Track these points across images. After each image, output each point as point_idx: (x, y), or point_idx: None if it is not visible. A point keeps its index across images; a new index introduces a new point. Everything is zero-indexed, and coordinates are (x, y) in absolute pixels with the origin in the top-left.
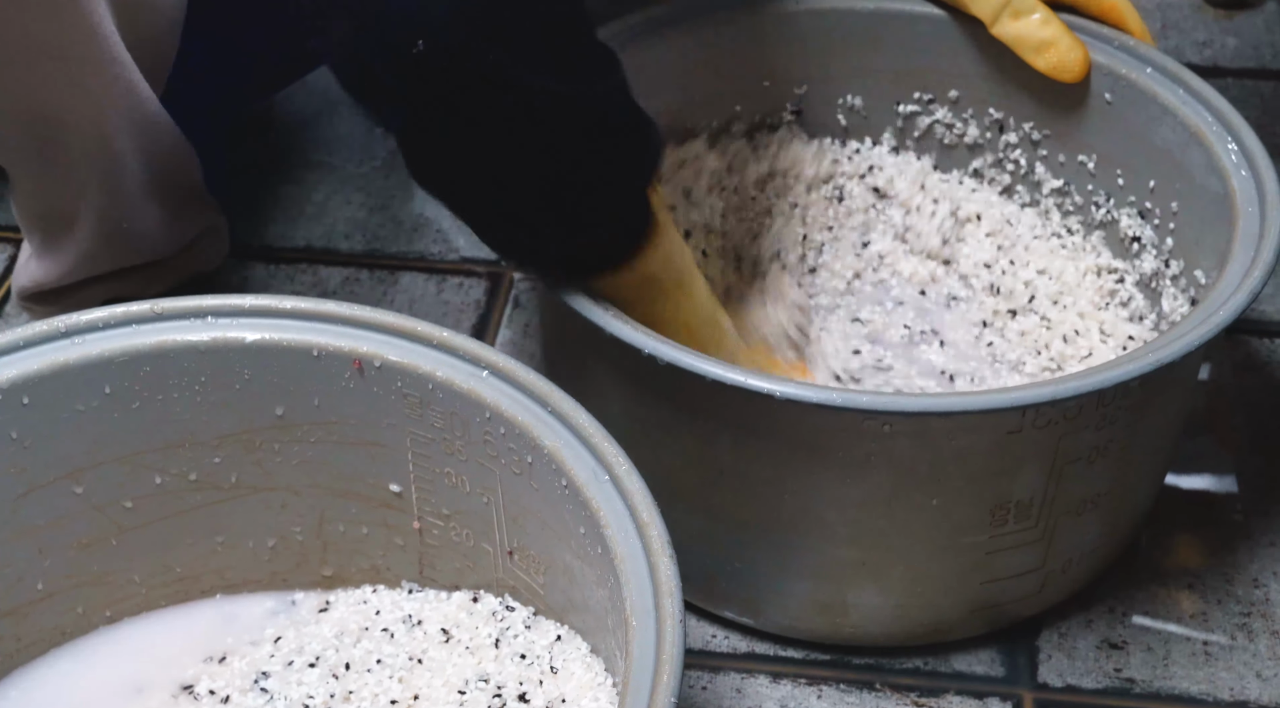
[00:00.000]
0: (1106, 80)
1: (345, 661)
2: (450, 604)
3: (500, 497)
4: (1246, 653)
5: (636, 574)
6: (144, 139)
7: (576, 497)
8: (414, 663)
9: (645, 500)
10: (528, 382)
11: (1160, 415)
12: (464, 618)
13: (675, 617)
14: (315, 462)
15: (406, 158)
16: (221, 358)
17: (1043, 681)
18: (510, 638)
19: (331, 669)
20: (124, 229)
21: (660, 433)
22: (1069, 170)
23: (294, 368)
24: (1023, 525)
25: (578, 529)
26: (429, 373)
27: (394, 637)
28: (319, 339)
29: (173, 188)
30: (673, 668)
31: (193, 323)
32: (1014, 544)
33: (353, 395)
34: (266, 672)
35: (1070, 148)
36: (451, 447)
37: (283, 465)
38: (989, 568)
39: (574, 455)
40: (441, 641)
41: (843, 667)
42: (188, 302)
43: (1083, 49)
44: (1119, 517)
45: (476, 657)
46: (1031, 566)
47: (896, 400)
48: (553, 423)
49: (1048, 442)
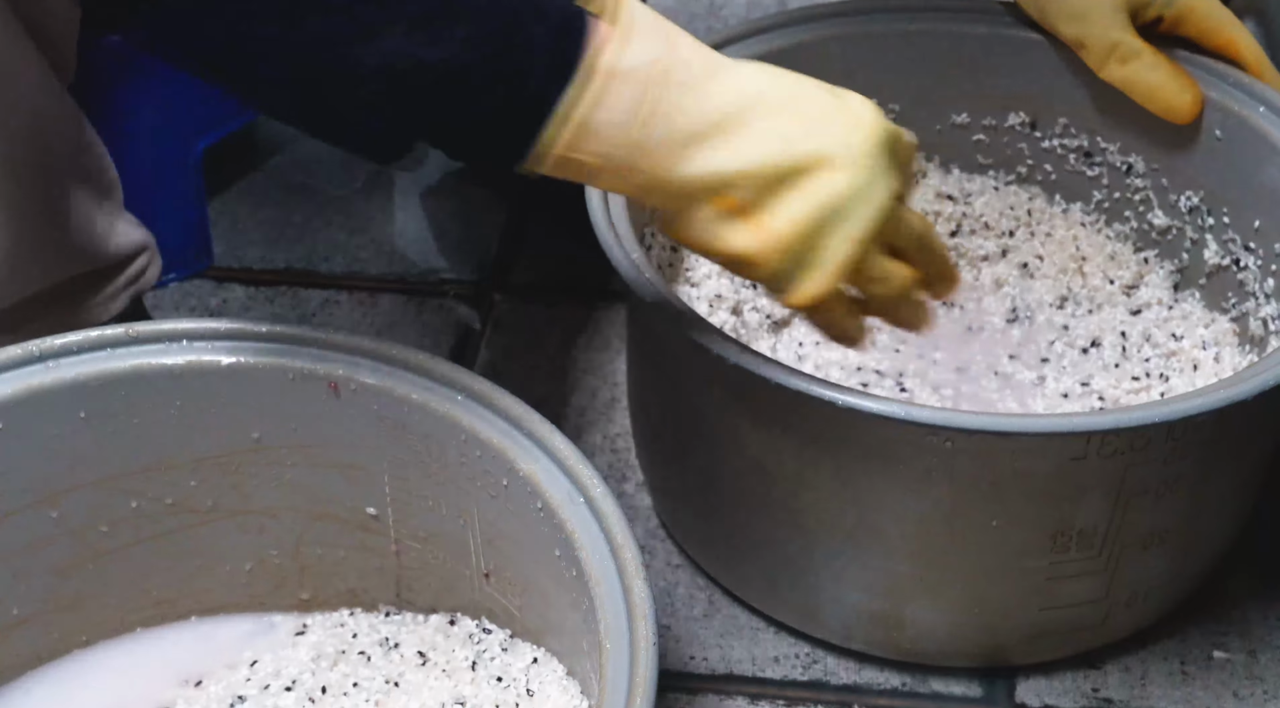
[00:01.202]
0: (1217, 117)
1: (322, 684)
2: (427, 627)
3: (477, 519)
4: (1223, 672)
5: (611, 597)
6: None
7: (552, 519)
8: (390, 686)
9: (620, 524)
10: (504, 405)
11: (1237, 455)
12: (441, 641)
13: (649, 639)
14: (292, 485)
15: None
16: (197, 381)
17: (1020, 701)
18: (487, 661)
19: (308, 693)
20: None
21: (726, 434)
22: (1173, 206)
23: (270, 391)
24: (1085, 555)
25: (553, 551)
26: (405, 396)
27: (370, 660)
28: (294, 362)
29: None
30: (646, 691)
31: (168, 346)
32: (1075, 573)
33: (329, 418)
34: (243, 696)
35: (1178, 184)
36: (428, 470)
37: (260, 488)
38: (1049, 594)
39: (550, 479)
40: (418, 664)
41: (821, 687)
42: (163, 325)
43: (1193, 91)
44: (1189, 555)
45: (453, 679)
46: (1094, 596)
47: (958, 417)
48: (529, 446)
49: (1114, 472)
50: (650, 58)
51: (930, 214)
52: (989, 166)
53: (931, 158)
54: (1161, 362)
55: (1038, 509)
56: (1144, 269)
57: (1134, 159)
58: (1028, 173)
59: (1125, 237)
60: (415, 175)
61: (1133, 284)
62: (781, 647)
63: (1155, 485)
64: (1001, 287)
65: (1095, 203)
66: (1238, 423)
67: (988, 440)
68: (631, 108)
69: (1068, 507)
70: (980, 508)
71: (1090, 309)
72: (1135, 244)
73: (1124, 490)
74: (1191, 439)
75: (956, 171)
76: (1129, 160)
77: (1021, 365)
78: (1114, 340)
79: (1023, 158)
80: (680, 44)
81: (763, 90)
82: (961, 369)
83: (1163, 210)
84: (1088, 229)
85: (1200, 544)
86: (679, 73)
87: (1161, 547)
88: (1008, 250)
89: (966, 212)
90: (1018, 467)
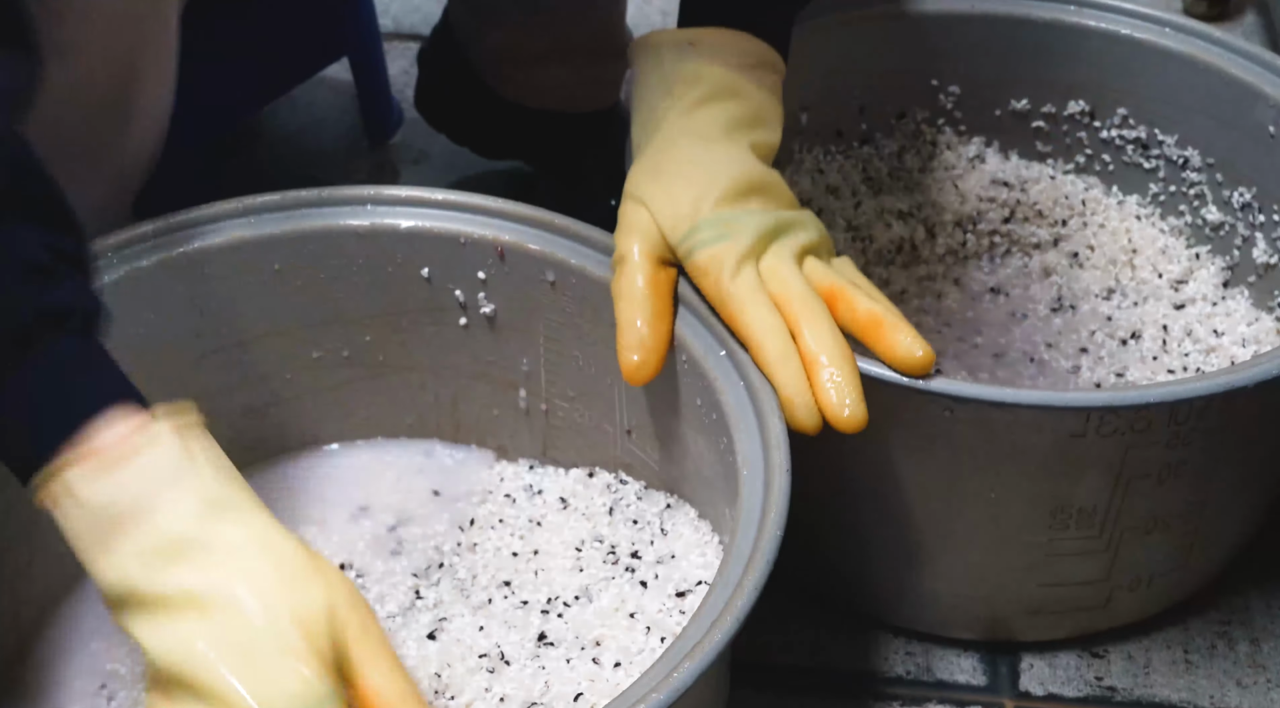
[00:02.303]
0: (1271, 113)
1: (470, 517)
2: (568, 478)
3: (623, 378)
4: (1226, 661)
5: (748, 432)
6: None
7: (695, 369)
8: (534, 524)
9: (755, 371)
10: None
11: (1246, 446)
12: (580, 489)
13: (783, 467)
14: (455, 344)
15: None
16: (377, 242)
17: (1024, 689)
18: (623, 506)
19: (457, 523)
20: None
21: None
22: (1227, 201)
23: (442, 254)
24: (1085, 533)
25: (694, 401)
26: (564, 260)
27: (515, 502)
28: (466, 228)
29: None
30: (779, 511)
31: (354, 209)
32: (1075, 551)
33: (495, 281)
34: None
35: (1232, 179)
36: (581, 331)
37: (425, 347)
38: (1048, 570)
39: (693, 333)
40: (559, 508)
41: (825, 676)
42: (350, 190)
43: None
44: (1195, 544)
45: (592, 521)
46: (1095, 576)
47: (956, 386)
48: (680, 308)
49: (1113, 452)
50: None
51: (984, 200)
52: (1047, 155)
53: (990, 143)
54: (1200, 357)
55: (1036, 484)
56: (1194, 264)
57: (1190, 152)
58: (1085, 163)
59: (1179, 231)
60: (420, 167)
61: (1181, 279)
62: (790, 630)
63: (1157, 470)
64: (1049, 275)
65: (1151, 195)
66: (1244, 413)
67: (984, 410)
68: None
69: (1066, 484)
70: (979, 479)
71: (1136, 302)
72: (1188, 239)
73: (1124, 472)
74: (1196, 426)
75: (1015, 158)
76: (1186, 154)
77: (1059, 354)
78: (1155, 333)
79: (1081, 147)
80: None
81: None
82: (999, 355)
83: (1216, 206)
84: (1141, 222)
85: (1206, 535)
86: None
87: (1165, 533)
88: (1059, 239)
89: (1021, 199)
90: (1017, 440)
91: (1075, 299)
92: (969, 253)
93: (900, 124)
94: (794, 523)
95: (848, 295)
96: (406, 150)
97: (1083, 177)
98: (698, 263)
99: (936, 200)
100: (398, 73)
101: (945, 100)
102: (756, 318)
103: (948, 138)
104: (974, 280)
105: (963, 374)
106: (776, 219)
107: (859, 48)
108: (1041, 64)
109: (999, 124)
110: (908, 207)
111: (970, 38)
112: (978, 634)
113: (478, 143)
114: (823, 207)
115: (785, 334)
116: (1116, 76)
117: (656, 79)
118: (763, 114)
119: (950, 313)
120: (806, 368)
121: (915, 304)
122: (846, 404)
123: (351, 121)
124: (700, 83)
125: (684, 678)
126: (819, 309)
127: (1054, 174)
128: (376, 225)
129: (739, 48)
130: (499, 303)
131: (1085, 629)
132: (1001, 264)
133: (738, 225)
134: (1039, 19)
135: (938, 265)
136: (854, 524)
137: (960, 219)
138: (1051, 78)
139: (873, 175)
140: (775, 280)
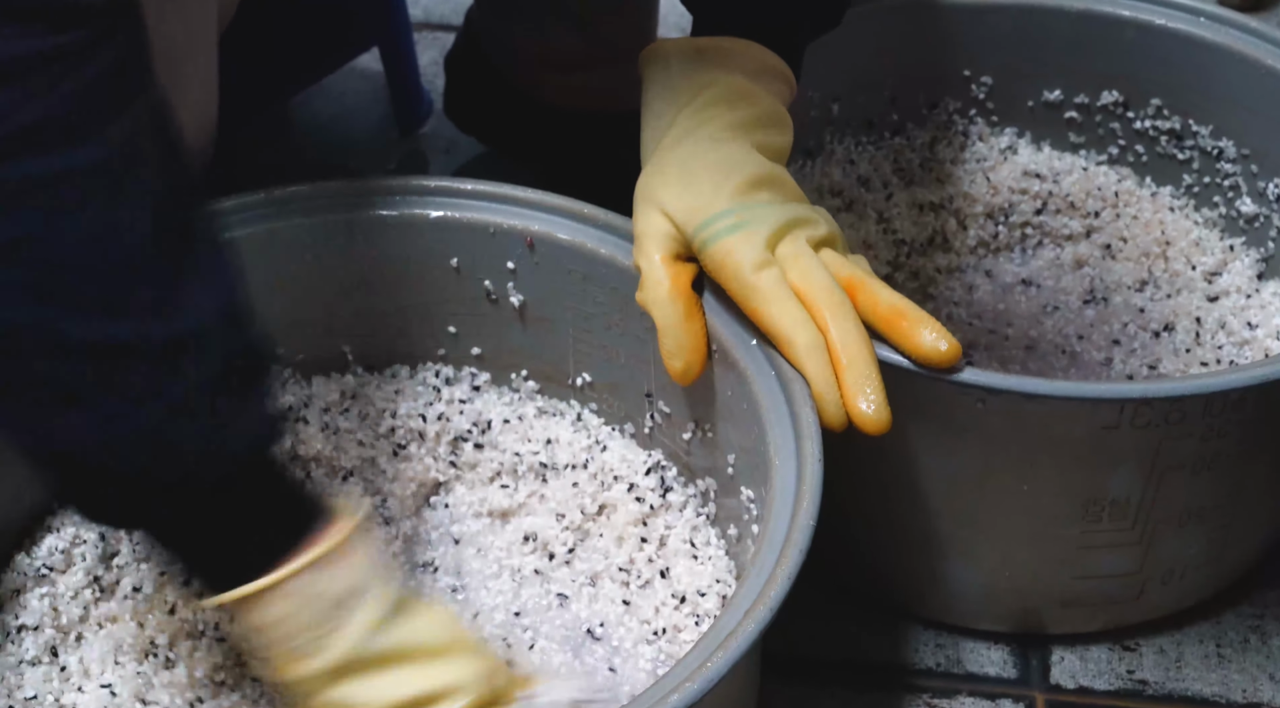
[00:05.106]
0: None
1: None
2: None
3: (653, 368)
4: (1259, 655)
5: (780, 422)
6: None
7: (726, 358)
8: None
9: (785, 363)
10: None
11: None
12: None
13: (815, 456)
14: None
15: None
16: (407, 232)
17: (1055, 682)
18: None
19: None
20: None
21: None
22: (1262, 193)
23: (471, 243)
24: (1118, 526)
25: (725, 392)
26: (594, 251)
27: None
28: (495, 218)
29: None
30: (813, 497)
31: (383, 199)
32: (1108, 543)
33: (524, 272)
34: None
35: (1267, 170)
36: (610, 320)
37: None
38: (1080, 563)
39: (723, 323)
40: None
41: (855, 668)
42: (380, 180)
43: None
44: (1229, 538)
45: None
46: (1128, 570)
47: (987, 377)
48: (705, 296)
49: (1148, 444)
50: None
51: (1016, 192)
52: (1080, 146)
53: (1023, 134)
54: (1234, 350)
55: (1069, 476)
56: (1228, 256)
57: (1225, 143)
58: (1119, 154)
59: (1213, 223)
60: (450, 156)
61: (1215, 271)
62: (820, 621)
63: (1192, 461)
64: (1082, 266)
65: (1185, 187)
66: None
67: (1017, 402)
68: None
69: (1100, 477)
70: (1012, 471)
71: (1169, 294)
72: (1222, 231)
73: (1158, 464)
74: (1231, 418)
75: (1047, 149)
76: (1220, 145)
77: (1091, 346)
78: (1188, 326)
79: (1114, 138)
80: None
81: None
82: (1031, 347)
83: (1251, 197)
84: (1175, 213)
85: (1241, 528)
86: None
87: (1199, 526)
88: (1092, 231)
89: (1053, 190)
90: (1050, 432)
91: (1108, 291)
92: (1000, 245)
93: (932, 114)
94: (825, 514)
95: (869, 287)
96: (436, 140)
97: (1116, 168)
98: (714, 254)
99: (968, 192)
100: (428, 62)
101: (977, 91)
102: (784, 312)
103: (980, 129)
104: (1005, 272)
105: (994, 366)
106: (792, 211)
107: (890, 37)
108: (1075, 54)
109: (1031, 115)
110: (939, 198)
111: (1003, 28)
112: (1008, 627)
113: (510, 146)
114: (854, 198)
115: (812, 326)
116: (1150, 67)
117: (665, 86)
118: (772, 117)
119: (982, 305)
120: (833, 366)
121: (946, 296)
122: (872, 404)
123: (382, 111)
124: (709, 88)
125: (718, 667)
126: (844, 304)
127: (1087, 165)
128: (406, 215)
129: (749, 56)
130: (528, 293)
131: (1117, 622)
132: (1033, 256)
133: (754, 216)
134: (1072, 9)
135: (969, 257)
136: (885, 516)
137: (992, 210)
138: (1085, 68)
139: (904, 166)
140: (796, 271)
